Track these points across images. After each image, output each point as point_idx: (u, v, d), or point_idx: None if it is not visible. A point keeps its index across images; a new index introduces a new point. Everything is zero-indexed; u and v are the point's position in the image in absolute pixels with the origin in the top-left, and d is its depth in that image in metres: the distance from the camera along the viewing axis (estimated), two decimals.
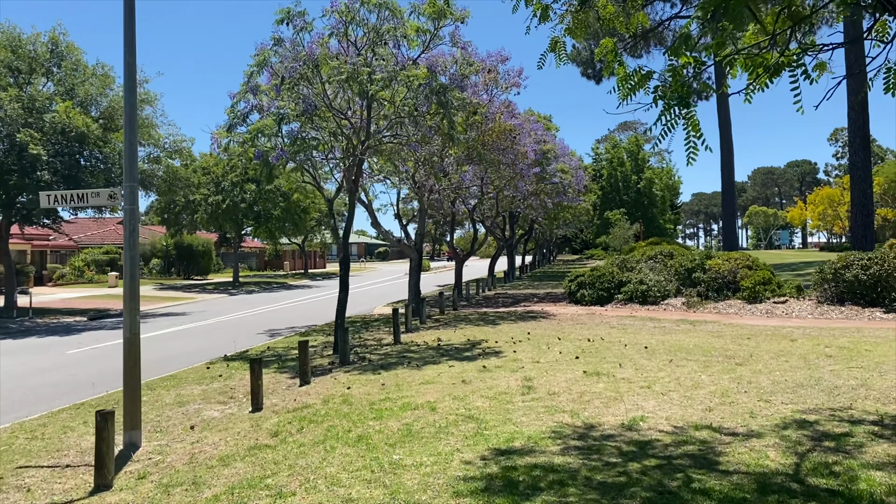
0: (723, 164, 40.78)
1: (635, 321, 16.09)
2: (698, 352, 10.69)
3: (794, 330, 13.10)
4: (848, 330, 12.70)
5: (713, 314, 17.09)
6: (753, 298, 17.77)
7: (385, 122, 12.88)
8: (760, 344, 11.26)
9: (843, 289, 16.05)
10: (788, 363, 9.27)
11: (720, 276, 19.03)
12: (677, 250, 24.39)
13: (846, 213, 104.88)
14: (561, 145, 32.82)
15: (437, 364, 10.66)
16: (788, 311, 16.28)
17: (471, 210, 26.07)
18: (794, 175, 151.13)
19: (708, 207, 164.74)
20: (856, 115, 26.06)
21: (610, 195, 76.69)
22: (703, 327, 14.29)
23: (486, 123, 19.05)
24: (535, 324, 16.17)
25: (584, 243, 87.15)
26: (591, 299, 21.00)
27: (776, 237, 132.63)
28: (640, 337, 12.95)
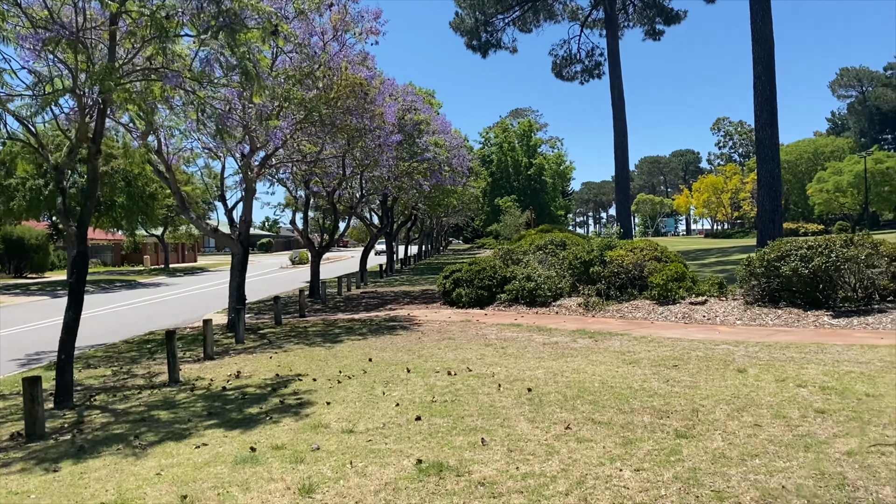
0: (616, 144, 38.03)
1: (520, 333, 12.17)
2: (610, 402, 6.75)
3: (731, 349, 9.46)
4: (805, 348, 9.17)
5: (618, 320, 13.43)
6: (665, 298, 14.27)
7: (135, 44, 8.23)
8: (699, 381, 7.46)
9: (777, 285, 12.72)
10: (764, 433, 5.44)
11: (624, 271, 15.45)
12: (571, 239, 20.82)
13: (729, 200, 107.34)
14: (442, 121, 28.82)
15: (180, 440, 6.25)
16: (711, 315, 12.81)
17: (329, 192, 21.55)
18: (678, 164, 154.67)
19: (598, 196, 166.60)
20: (762, 87, 23.35)
21: (500, 181, 73.77)
22: (609, 344, 10.50)
23: (330, 77, 14.65)
24: (389, 340, 11.97)
25: (476, 232, 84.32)
26: (470, 300, 17.06)
27: (662, 224, 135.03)
28: (522, 365, 8.96)
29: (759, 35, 23.57)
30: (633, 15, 42.95)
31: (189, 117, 10.28)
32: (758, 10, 23.69)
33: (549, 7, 42.59)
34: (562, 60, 44.92)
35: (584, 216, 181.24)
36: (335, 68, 14.59)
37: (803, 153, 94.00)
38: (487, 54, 41.43)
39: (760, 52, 23.53)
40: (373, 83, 15.86)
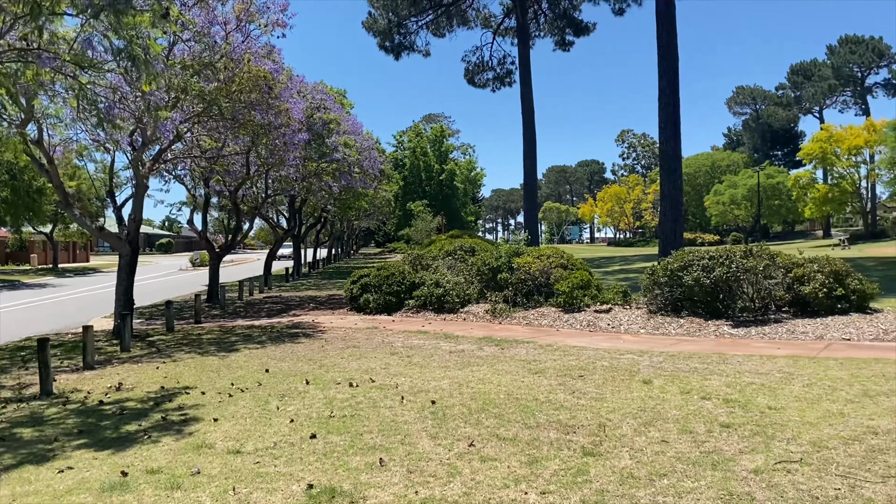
0: (525, 153, 38.40)
1: (427, 340, 11.85)
2: (515, 416, 6.50)
3: (636, 359, 9.44)
4: (708, 359, 9.24)
5: (524, 328, 13.32)
6: (571, 306, 14.28)
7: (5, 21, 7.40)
8: (605, 393, 7.32)
9: (679, 295, 12.91)
10: (672, 450, 5.28)
11: (531, 278, 15.40)
12: (480, 245, 20.74)
13: (631, 209, 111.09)
14: (353, 122, 28.28)
15: (42, 464, 5.57)
16: (615, 324, 12.87)
17: (232, 192, 20.63)
18: (584, 174, 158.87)
19: (507, 203, 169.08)
20: (667, 100, 24.00)
21: (413, 186, 73.50)
22: (515, 352, 10.31)
23: (232, 69, 13.94)
24: (289, 349, 11.39)
25: (388, 236, 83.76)
26: (377, 306, 16.62)
27: (567, 232, 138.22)
28: (427, 375, 8.62)
29: (665, 50, 24.22)
30: (544, 25, 43.56)
31: (69, 105, 9.40)
32: (664, 26, 24.35)
33: (462, 13, 42.63)
34: (474, 67, 45.08)
35: (493, 222, 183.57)
36: (238, 60, 13.88)
37: (702, 166, 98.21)
38: (400, 56, 41.09)
39: (666, 66, 24.18)
40: (279, 77, 15.21)
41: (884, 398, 6.57)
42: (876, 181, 77.51)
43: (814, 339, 10.65)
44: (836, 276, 12.28)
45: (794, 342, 10.47)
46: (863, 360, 8.52)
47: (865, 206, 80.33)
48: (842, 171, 77.81)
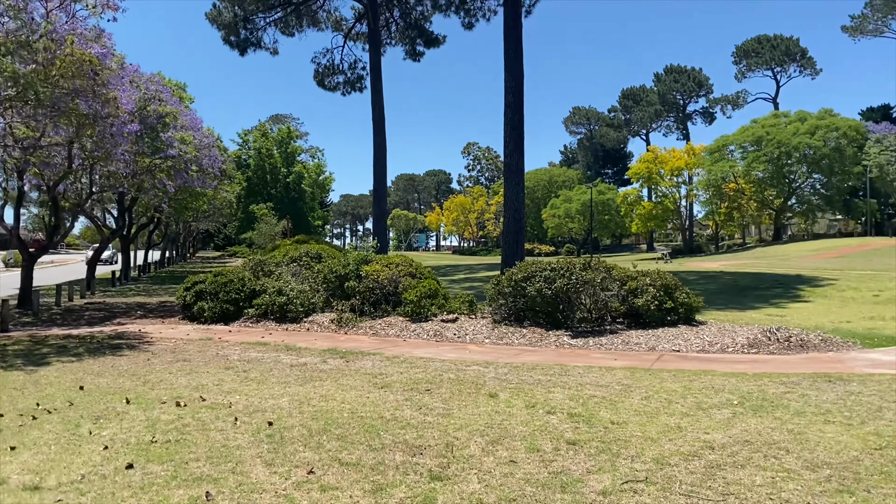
0: (375, 159, 38.14)
1: (266, 353, 11.18)
2: (359, 437, 6.13)
3: (482, 370, 9.36)
4: (550, 370, 9.33)
5: (371, 338, 12.97)
6: (418, 315, 14.11)
7: None
8: (452, 409, 7.12)
9: (523, 305, 13.10)
10: (520, 471, 5.14)
11: (379, 286, 15.08)
12: (327, 251, 20.17)
13: (475, 219, 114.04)
14: (192, 117, 26.68)
15: None
16: (461, 333, 12.83)
17: (51, 186, 18.69)
18: (432, 183, 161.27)
19: (355, 209, 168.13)
20: (512, 115, 24.63)
21: (257, 187, 70.97)
22: (361, 365, 9.93)
23: (53, 50, 12.56)
24: (110, 363, 10.31)
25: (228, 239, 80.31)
26: (213, 315, 15.62)
27: (415, 240, 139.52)
28: (265, 392, 8.04)
29: (511, 66, 24.86)
30: (395, 33, 43.58)
31: None
32: (510, 42, 25.00)
33: (312, 13, 41.71)
34: (324, 69, 44.24)
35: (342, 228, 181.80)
36: (60, 41, 12.52)
37: (540, 180, 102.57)
38: (246, 52, 39.42)
39: (511, 82, 24.81)
40: (108, 63, 13.89)
41: (716, 411, 6.85)
42: (694, 201, 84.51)
43: (647, 350, 11.12)
44: (667, 289, 12.98)
45: (630, 353, 10.88)
46: (693, 372, 8.94)
47: (684, 224, 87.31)
48: (665, 191, 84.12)
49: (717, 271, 30.07)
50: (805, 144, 69.38)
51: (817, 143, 69.34)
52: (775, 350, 10.79)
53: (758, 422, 6.40)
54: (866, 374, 8.57)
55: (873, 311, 15.28)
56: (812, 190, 76.03)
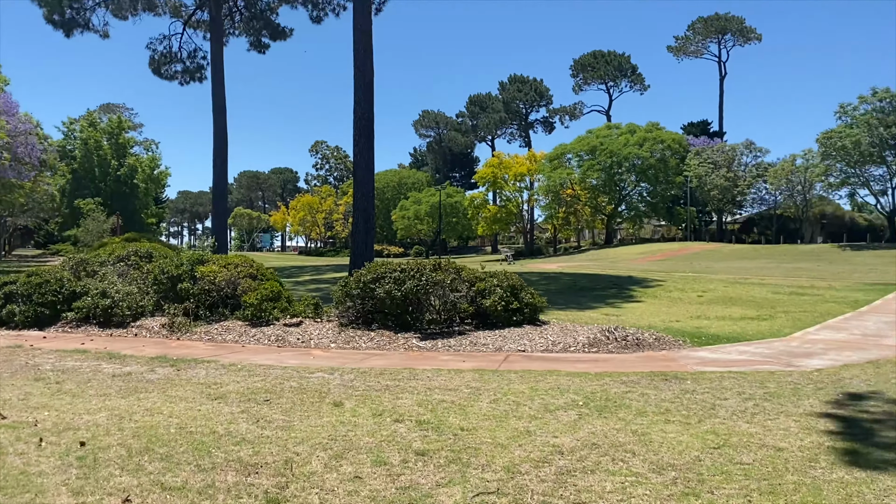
0: (216, 153, 36.31)
1: (85, 361, 10.05)
2: (187, 456, 5.51)
3: (327, 377, 8.89)
4: (398, 374, 9.03)
5: (206, 344, 12.08)
6: (259, 319, 13.36)
7: None
8: (293, 420, 6.63)
9: (371, 307, 12.75)
10: (366, 488, 4.77)
11: (216, 288, 14.15)
12: (159, 250, 18.75)
13: (323, 219, 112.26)
14: (6, 101, 24.08)
15: None
16: (306, 338, 12.26)
17: None
18: (277, 181, 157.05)
19: (194, 206, 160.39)
20: (362, 113, 24.20)
21: (84, 181, 65.52)
22: (194, 373, 9.14)
23: None
24: None
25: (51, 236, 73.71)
26: (26, 319, 14.00)
27: (259, 240, 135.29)
28: (80, 407, 7.13)
29: (361, 63, 24.43)
30: (239, 23, 41.76)
31: None
32: (360, 39, 24.57)
33: None
34: (161, 57, 41.53)
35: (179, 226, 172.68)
36: None
37: (390, 182, 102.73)
38: (72, 33, 36.14)
39: (361, 79, 24.39)
40: None
41: (562, 413, 6.84)
42: (535, 205, 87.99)
43: (494, 350, 11.13)
44: (513, 290, 13.12)
45: (478, 354, 10.83)
46: (539, 373, 8.98)
47: (526, 227, 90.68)
48: (509, 195, 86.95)
49: (556, 272, 31.26)
50: (634, 155, 74.17)
51: (645, 154, 74.33)
52: (614, 349, 11.15)
53: (603, 423, 6.44)
54: (698, 372, 8.99)
55: (699, 311, 16.36)
56: (640, 197, 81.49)
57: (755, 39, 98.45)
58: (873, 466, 5.08)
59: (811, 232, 75.29)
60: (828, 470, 5.00)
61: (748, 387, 8.02)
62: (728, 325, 14.05)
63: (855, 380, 8.41)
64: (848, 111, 61.19)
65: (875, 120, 57.99)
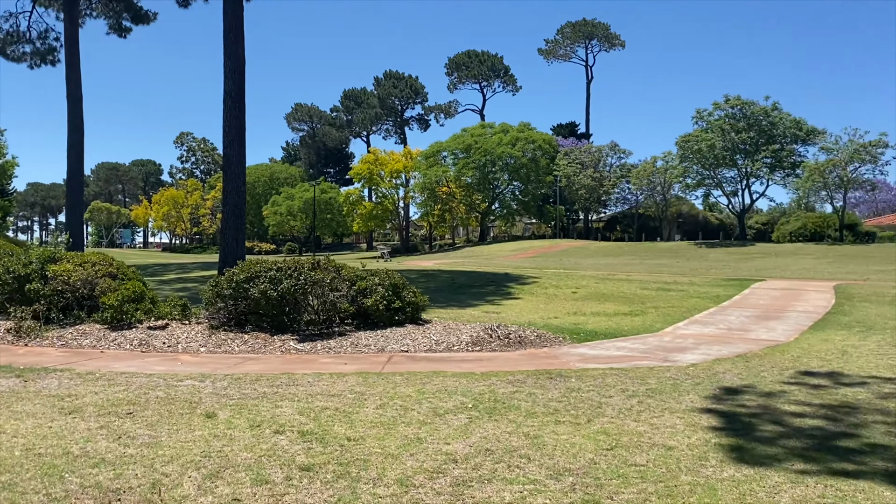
0: (70, 143, 33.56)
1: None
2: (34, 481, 4.81)
3: (198, 385, 8.22)
4: (277, 380, 8.48)
5: (60, 350, 10.97)
6: (120, 322, 12.32)
7: None
8: (160, 436, 6.01)
9: (245, 308, 12.05)
10: None
11: (71, 289, 12.92)
12: (5, 247, 17.01)
13: (189, 215, 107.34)
14: None
15: None
16: (173, 342, 11.40)
17: None
18: (139, 174, 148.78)
19: (46, 200, 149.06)
20: (233, 104, 23.07)
21: None
22: (44, 384, 8.19)
23: None
24: None
25: None
26: None
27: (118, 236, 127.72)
28: None
29: (232, 51, 23.27)
30: (97, 4, 38.86)
31: None
32: (231, 24, 23.39)
33: None
34: (7, 36, 37.91)
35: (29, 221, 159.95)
36: None
37: (261, 176, 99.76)
38: None
39: (232, 66, 23.22)
40: None
41: (452, 416, 6.61)
42: (410, 202, 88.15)
43: (377, 351, 10.79)
44: (395, 288, 12.83)
45: (359, 356, 10.46)
46: (424, 374, 8.74)
47: (402, 224, 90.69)
48: (385, 192, 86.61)
49: (434, 270, 31.29)
50: (507, 154, 75.85)
51: (517, 154, 76.19)
52: (497, 347, 11.10)
53: (494, 426, 6.26)
54: (581, 370, 9.06)
55: (575, 307, 16.73)
56: (512, 196, 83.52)
57: (619, 46, 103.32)
58: (759, 462, 5.18)
59: (669, 230, 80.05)
60: (718, 468, 5.05)
61: (630, 383, 8.14)
62: (604, 320, 14.42)
63: (728, 374, 8.75)
64: (704, 116, 65.46)
65: (728, 125, 62.40)
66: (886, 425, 6.21)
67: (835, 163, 59.45)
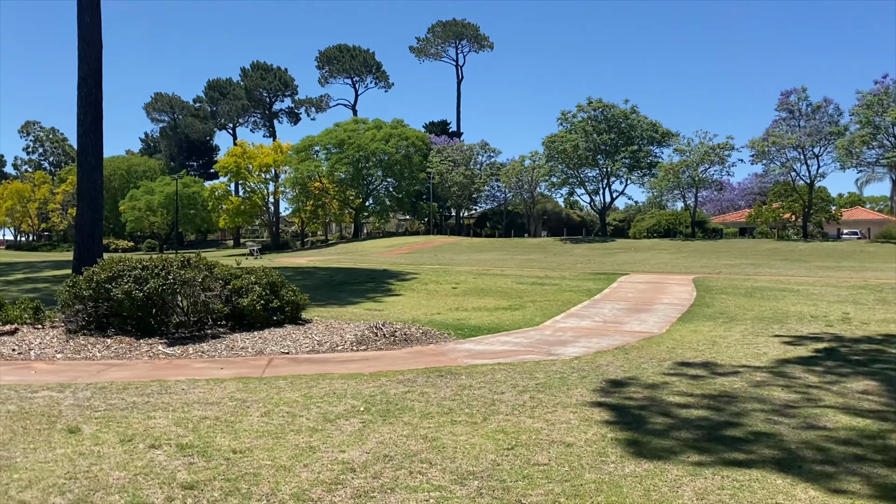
0: None
1: None
2: None
3: (56, 397, 7.39)
4: (147, 388, 7.78)
5: None
6: None
7: None
8: (15, 455, 5.28)
9: (107, 310, 11.10)
10: None
11: None
12: None
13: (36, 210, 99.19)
14: None
15: None
16: (24, 349, 10.28)
17: None
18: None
19: None
20: (89, 90, 21.35)
21: None
22: None
23: None
24: None
25: None
26: None
27: None
28: None
29: (88, 33, 21.50)
30: None
31: None
32: (86, 5, 21.67)
33: None
34: None
35: None
36: None
37: (118, 169, 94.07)
38: None
39: (88, 50, 21.46)
40: None
41: (344, 422, 6.29)
42: (281, 198, 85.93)
43: (255, 354, 10.23)
44: (273, 287, 12.27)
45: (237, 359, 9.87)
46: (310, 377, 8.33)
47: (272, 220, 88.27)
48: (254, 186, 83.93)
49: (310, 267, 30.51)
50: (381, 150, 75.59)
51: (391, 150, 76.07)
52: (383, 346, 10.84)
53: (390, 430, 6.02)
54: (470, 366, 8.97)
55: (456, 303, 16.74)
56: (386, 192, 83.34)
57: (488, 47, 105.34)
58: (657, 456, 5.24)
59: (535, 227, 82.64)
60: (619, 464, 5.06)
61: (520, 379, 8.13)
62: (486, 315, 14.50)
63: (611, 366, 8.95)
64: (568, 118, 68.01)
65: (590, 127, 65.17)
66: (764, 413, 6.51)
67: (687, 163, 63.54)
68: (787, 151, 58.50)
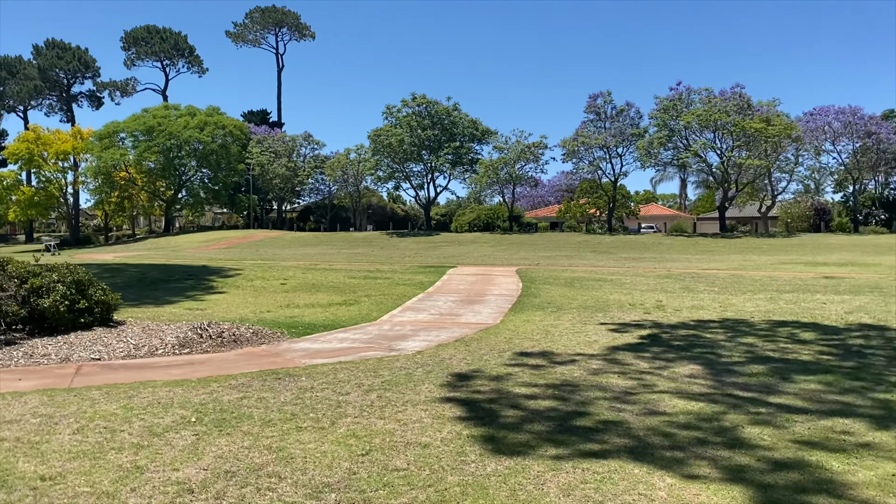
0: None
1: None
2: None
3: None
4: None
5: None
6: None
7: None
8: None
9: None
10: None
11: None
12: None
13: None
14: None
15: None
16: None
17: None
18: None
19: None
20: None
21: None
22: None
23: None
24: None
25: None
26: None
27: None
28: None
29: None
30: None
31: None
32: None
33: None
34: None
35: None
36: None
37: None
38: None
39: None
40: None
41: (174, 435, 5.61)
42: (81, 188, 78.84)
43: (60, 362, 9.03)
44: (79, 286, 10.96)
45: (38, 369, 8.65)
46: (129, 386, 7.44)
47: (71, 212, 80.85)
48: (49, 175, 76.37)
49: (118, 263, 28.07)
50: (195, 139, 71.64)
51: (206, 139, 72.31)
52: (209, 348, 10.02)
53: (229, 441, 5.44)
54: (309, 367, 8.48)
55: (286, 300, 15.98)
56: (201, 183, 79.17)
57: (310, 37, 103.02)
58: (515, 452, 5.13)
59: (361, 220, 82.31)
60: (480, 463, 4.88)
61: (364, 377, 7.79)
62: (320, 312, 13.94)
63: (454, 359, 8.84)
64: (393, 112, 68.27)
65: (415, 122, 65.83)
66: (607, 401, 6.67)
67: (505, 161, 66.18)
68: (595, 151, 62.80)
